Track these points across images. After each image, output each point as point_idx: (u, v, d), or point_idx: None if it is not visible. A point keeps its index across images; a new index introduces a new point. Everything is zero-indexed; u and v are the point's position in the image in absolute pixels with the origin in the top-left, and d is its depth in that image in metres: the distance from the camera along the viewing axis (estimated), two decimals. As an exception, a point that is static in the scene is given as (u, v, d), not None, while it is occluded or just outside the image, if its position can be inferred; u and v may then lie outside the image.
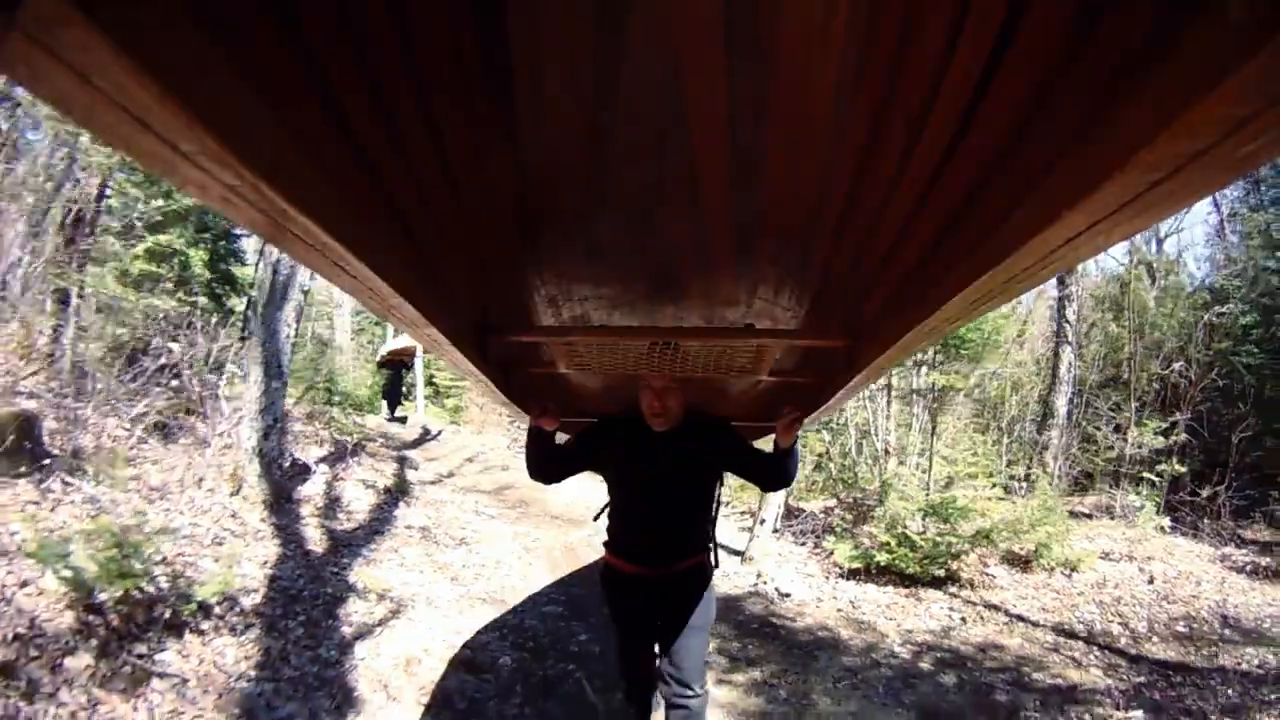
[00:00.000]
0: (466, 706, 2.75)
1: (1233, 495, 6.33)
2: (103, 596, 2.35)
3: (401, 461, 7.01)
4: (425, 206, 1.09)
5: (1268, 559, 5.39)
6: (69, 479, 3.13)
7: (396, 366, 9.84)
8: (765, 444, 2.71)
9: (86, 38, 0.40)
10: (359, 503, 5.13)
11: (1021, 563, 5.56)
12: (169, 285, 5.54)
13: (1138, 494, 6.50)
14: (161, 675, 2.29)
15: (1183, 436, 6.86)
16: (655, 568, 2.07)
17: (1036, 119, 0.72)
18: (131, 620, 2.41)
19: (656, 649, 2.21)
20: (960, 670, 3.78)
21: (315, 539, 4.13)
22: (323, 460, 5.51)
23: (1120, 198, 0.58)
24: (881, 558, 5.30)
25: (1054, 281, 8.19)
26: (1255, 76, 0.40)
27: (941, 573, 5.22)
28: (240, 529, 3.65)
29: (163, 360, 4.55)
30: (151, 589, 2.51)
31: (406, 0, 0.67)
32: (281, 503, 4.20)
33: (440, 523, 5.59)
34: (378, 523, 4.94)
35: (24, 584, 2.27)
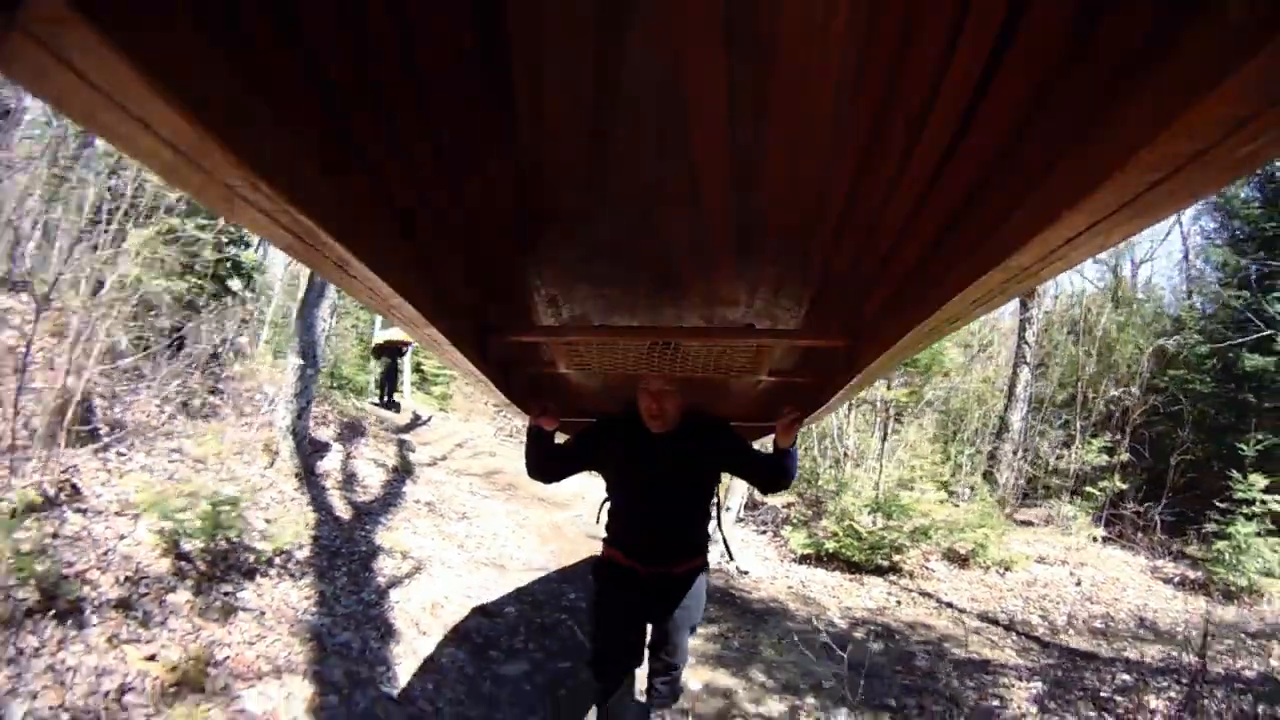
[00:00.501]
0: (483, 641, 3.42)
1: (1165, 513, 6.82)
2: (188, 547, 2.90)
3: (401, 444, 7.39)
4: (425, 206, 1.09)
5: (1196, 573, 5.73)
6: (122, 451, 3.49)
7: (392, 354, 10.01)
8: (765, 444, 2.72)
9: (86, 38, 0.40)
10: (371, 479, 5.62)
11: (960, 560, 6.20)
12: (177, 268, 5.73)
13: (1073, 504, 7.03)
14: (244, 609, 2.84)
15: (1125, 455, 7.47)
16: (654, 566, 2.08)
17: (1036, 119, 0.72)
18: (215, 566, 2.98)
19: (647, 642, 2.23)
20: (889, 640, 4.30)
21: (341, 507, 4.67)
22: (335, 439, 5.97)
23: (1120, 198, 0.58)
24: (830, 545, 5.95)
25: (1017, 303, 8.91)
26: (1255, 76, 0.40)
27: (885, 563, 5.83)
28: (279, 497, 4.17)
29: (194, 343, 4.87)
30: (224, 542, 3.09)
31: (406, 0, 0.67)
32: (308, 475, 4.66)
33: (442, 499, 6.06)
34: (390, 496, 5.44)
35: (122, 537, 2.75)
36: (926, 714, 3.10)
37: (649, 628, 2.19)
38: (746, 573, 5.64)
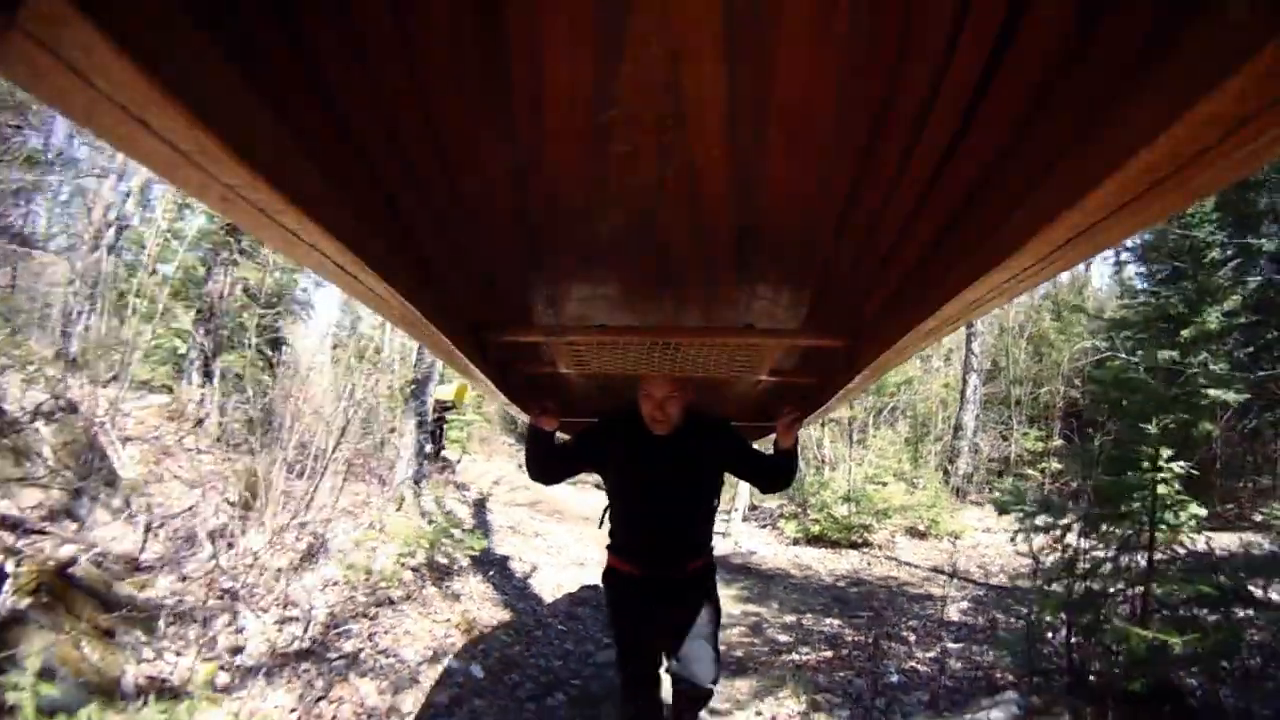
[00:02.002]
0: (596, 605, 5.03)
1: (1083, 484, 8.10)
2: (411, 561, 4.44)
3: (458, 485, 9.19)
4: (425, 207, 1.09)
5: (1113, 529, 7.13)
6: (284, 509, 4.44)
7: (442, 410, 10.15)
8: (765, 444, 2.72)
9: (86, 37, 0.39)
10: (463, 513, 7.38)
11: (920, 534, 8.44)
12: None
13: (1008, 485, 8.61)
14: (459, 596, 4.63)
15: (1057, 442, 9.49)
16: (657, 570, 2.06)
17: (1036, 119, 0.72)
18: (435, 570, 4.69)
19: (663, 652, 2.19)
20: (861, 586, 6.37)
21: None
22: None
23: (1120, 198, 0.58)
24: (815, 530, 8.34)
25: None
26: (1255, 76, 0.40)
27: (858, 539, 8.14)
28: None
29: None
30: (433, 556, 4.77)
31: (406, 0, 0.67)
32: (423, 514, 6.06)
33: (516, 523, 7.95)
34: (483, 524, 7.24)
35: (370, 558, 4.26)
36: (886, 619, 5.04)
37: (668, 634, 2.15)
38: (754, 553, 7.89)
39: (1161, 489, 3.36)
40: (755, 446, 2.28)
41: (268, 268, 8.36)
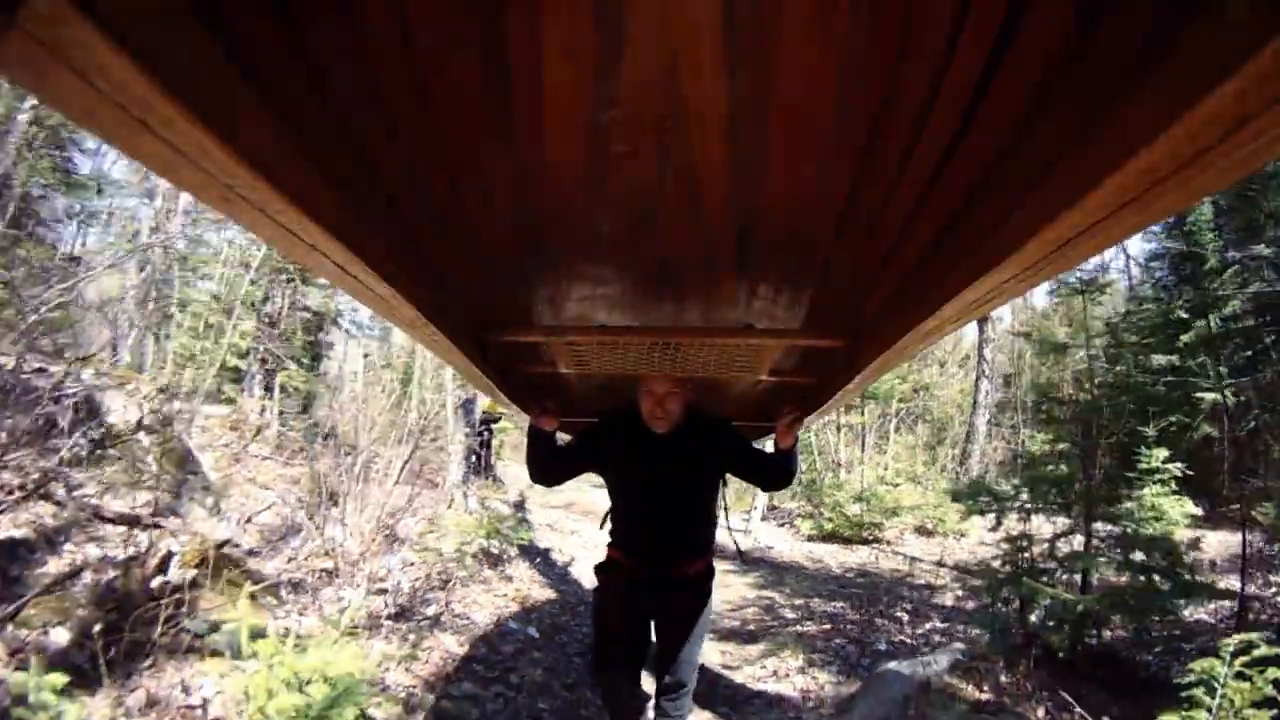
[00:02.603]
0: None
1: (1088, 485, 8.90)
2: (469, 549, 5.15)
3: (499, 488, 9.91)
4: (425, 207, 1.09)
5: (1116, 527, 7.71)
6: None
7: (487, 423, 10.19)
8: (765, 444, 2.72)
9: (86, 37, 0.39)
10: (504, 510, 7.93)
11: (928, 532, 8.97)
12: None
13: (1013, 486, 8.84)
14: (511, 578, 5.46)
15: (1064, 445, 8.89)
16: (657, 569, 2.06)
17: (1036, 119, 0.72)
18: (490, 558, 5.56)
19: (643, 653, 2.19)
20: (867, 577, 6.87)
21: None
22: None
23: (1120, 198, 0.58)
24: (829, 527, 8.96)
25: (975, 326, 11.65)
26: (1255, 76, 0.40)
27: (869, 536, 8.74)
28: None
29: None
30: (488, 546, 5.63)
31: (406, 0, 0.67)
32: (471, 513, 6.88)
33: (553, 521, 8.69)
34: (525, 522, 7.78)
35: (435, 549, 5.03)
36: (884, 603, 5.58)
37: (652, 633, 2.16)
38: (772, 547, 8.59)
39: (1151, 489, 3.89)
40: (755, 446, 2.28)
41: (328, 290, 9.26)
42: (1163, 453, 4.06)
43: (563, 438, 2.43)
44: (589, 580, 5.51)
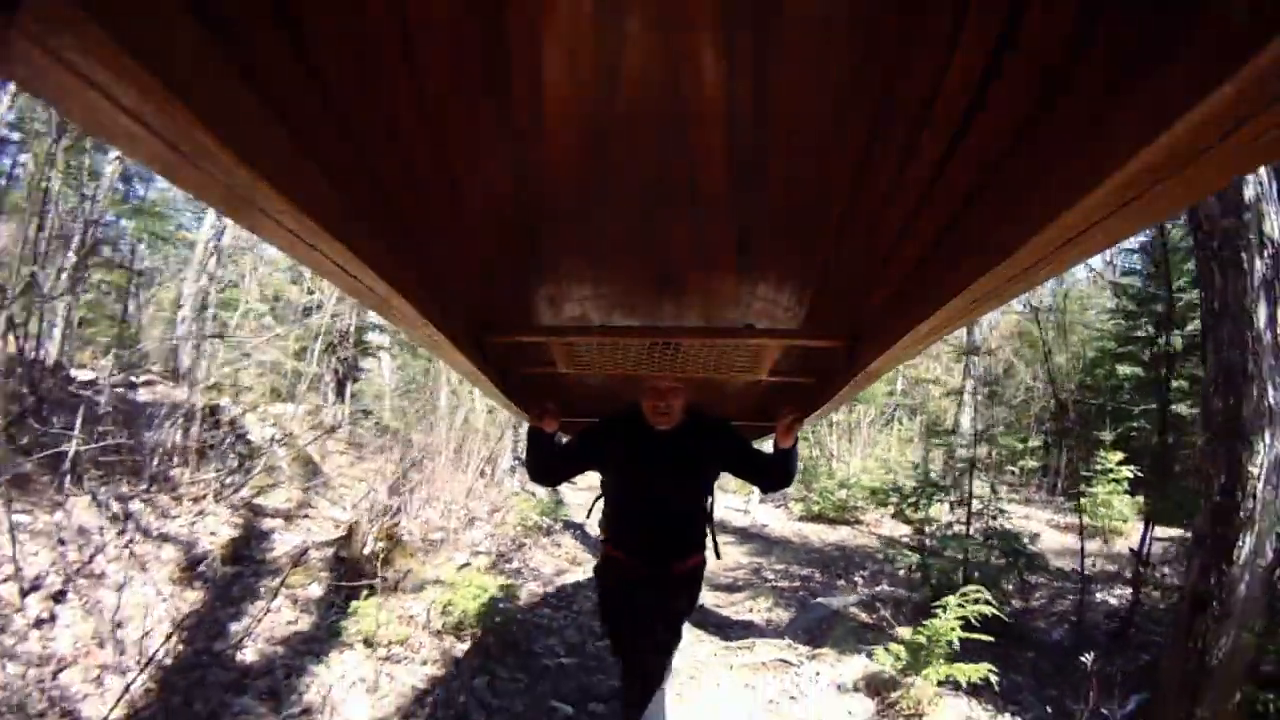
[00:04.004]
0: None
1: (1054, 481, 11.13)
2: (528, 523, 7.31)
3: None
4: (425, 206, 1.09)
5: (1072, 519, 7.96)
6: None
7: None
8: (765, 444, 2.72)
9: (86, 37, 0.39)
10: (543, 493, 9.19)
11: (906, 519, 9.38)
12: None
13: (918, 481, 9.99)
14: (561, 544, 7.55)
15: (1035, 443, 10.40)
16: (655, 566, 2.08)
17: (1037, 119, 0.72)
18: (542, 529, 7.60)
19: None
20: (842, 551, 8.30)
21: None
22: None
23: (1120, 198, 0.58)
24: (816, 509, 10.42)
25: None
26: (1255, 76, 0.40)
27: (850, 518, 10.16)
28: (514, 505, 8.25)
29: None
30: (540, 521, 7.71)
31: (406, 0, 0.67)
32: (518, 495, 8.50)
33: (584, 504, 8.87)
34: (563, 503, 9.25)
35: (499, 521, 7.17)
36: (848, 570, 7.17)
37: (656, 621, 2.19)
38: (765, 525, 10.11)
39: (1103, 488, 5.15)
40: (755, 446, 2.28)
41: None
42: (1117, 455, 5.03)
43: (562, 437, 2.43)
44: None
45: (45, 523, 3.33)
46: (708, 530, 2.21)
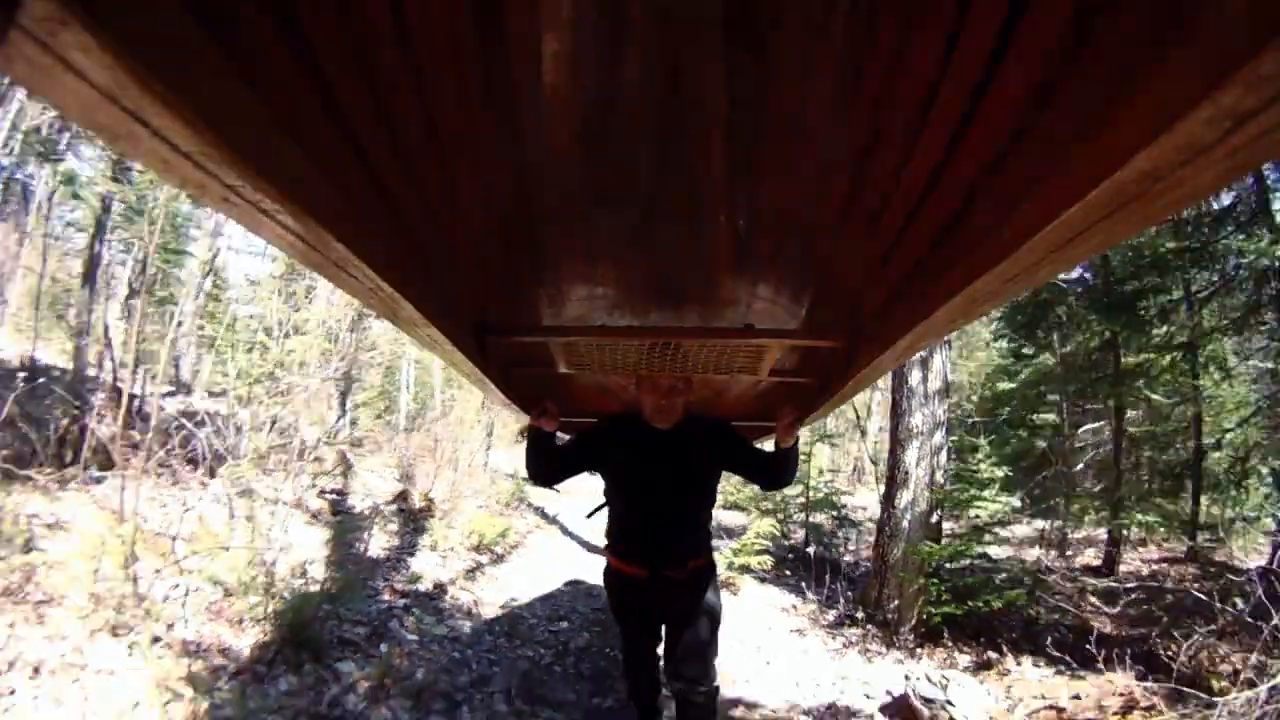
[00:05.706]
0: None
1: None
2: (507, 502, 9.27)
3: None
4: (425, 206, 1.09)
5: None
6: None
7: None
8: (765, 444, 2.72)
9: (86, 38, 0.39)
10: (543, 495, 10.15)
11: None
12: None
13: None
14: (525, 517, 9.11)
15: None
16: (658, 569, 2.06)
17: (1036, 119, 0.72)
18: (518, 501, 9.47)
19: (661, 649, 2.20)
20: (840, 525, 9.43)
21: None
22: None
23: (1120, 198, 0.58)
24: (730, 499, 11.35)
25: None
26: (1255, 76, 0.40)
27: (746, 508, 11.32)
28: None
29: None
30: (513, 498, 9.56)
31: (406, 0, 0.67)
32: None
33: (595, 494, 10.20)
34: (559, 506, 10.09)
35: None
36: (829, 547, 7.92)
37: (667, 631, 2.17)
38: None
39: (982, 491, 5.56)
40: (755, 446, 2.28)
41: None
42: (990, 460, 5.86)
43: (561, 437, 2.43)
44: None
45: (201, 496, 4.86)
46: (710, 533, 2.21)
